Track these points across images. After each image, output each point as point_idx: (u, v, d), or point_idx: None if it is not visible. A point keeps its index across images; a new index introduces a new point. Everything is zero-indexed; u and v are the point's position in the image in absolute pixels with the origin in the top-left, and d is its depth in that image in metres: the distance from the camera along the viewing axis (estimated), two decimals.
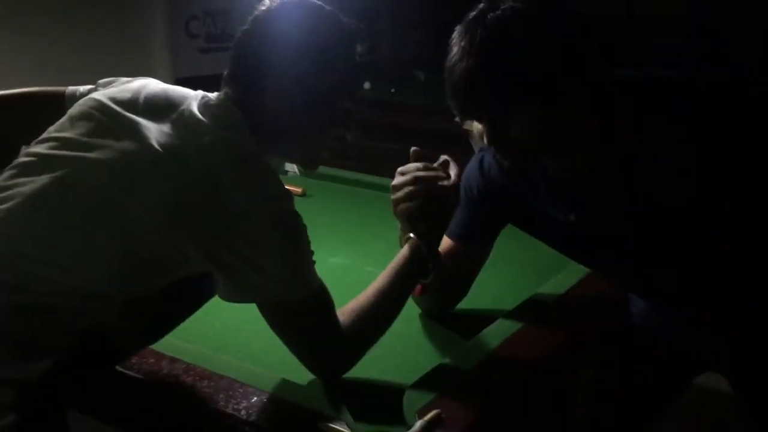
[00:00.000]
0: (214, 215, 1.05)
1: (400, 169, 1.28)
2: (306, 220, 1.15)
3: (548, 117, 1.13)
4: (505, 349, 1.26)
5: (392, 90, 4.27)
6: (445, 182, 1.25)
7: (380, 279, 1.25)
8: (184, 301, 1.23)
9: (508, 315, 1.39)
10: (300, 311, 1.12)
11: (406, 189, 1.25)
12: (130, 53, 4.27)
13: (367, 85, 4.59)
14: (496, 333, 1.31)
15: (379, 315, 1.22)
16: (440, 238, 1.33)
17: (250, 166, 1.09)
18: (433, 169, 1.27)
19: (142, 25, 4.31)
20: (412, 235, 1.27)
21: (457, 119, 1.18)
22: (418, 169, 1.26)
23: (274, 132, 1.19)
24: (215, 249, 1.07)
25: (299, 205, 1.15)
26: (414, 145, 1.32)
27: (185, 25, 4.43)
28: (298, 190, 2.22)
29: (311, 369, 1.19)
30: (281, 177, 1.14)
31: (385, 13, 5.23)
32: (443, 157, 1.31)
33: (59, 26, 3.95)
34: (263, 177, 1.10)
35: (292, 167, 2.42)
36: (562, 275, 1.55)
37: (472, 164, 1.43)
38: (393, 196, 1.27)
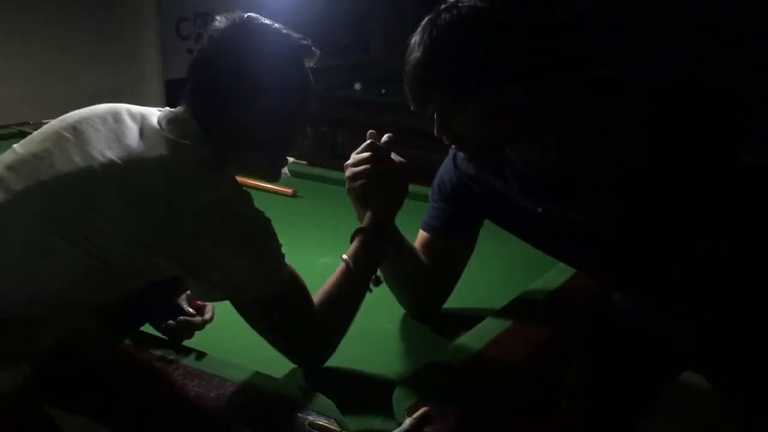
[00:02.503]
0: (174, 222, 1.09)
1: (355, 151, 1.33)
2: (296, 221, 1.18)
3: (492, 112, 1.19)
4: (494, 348, 1.27)
5: (382, 91, 4.29)
6: (395, 157, 1.32)
7: (342, 264, 1.28)
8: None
9: (497, 313, 1.40)
10: (273, 304, 1.17)
11: (359, 167, 1.30)
12: (121, 54, 4.27)
13: (357, 86, 4.61)
14: (484, 331, 1.32)
15: (348, 295, 1.26)
16: (394, 214, 1.35)
17: (203, 171, 1.12)
18: (382, 149, 1.32)
19: (132, 26, 4.31)
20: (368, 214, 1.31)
21: (411, 108, 1.25)
22: (371, 149, 1.31)
23: (235, 148, 1.21)
24: (179, 254, 1.11)
25: (289, 206, 1.16)
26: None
27: (175, 27, 4.43)
28: (289, 191, 2.22)
29: (293, 359, 1.23)
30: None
31: (375, 14, 5.25)
32: (388, 135, 1.35)
33: (50, 27, 3.95)
34: (217, 180, 1.13)
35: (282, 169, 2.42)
36: (551, 273, 1.56)
37: (447, 159, 1.46)
38: (346, 174, 1.33)
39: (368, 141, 1.33)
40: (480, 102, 1.18)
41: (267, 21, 1.24)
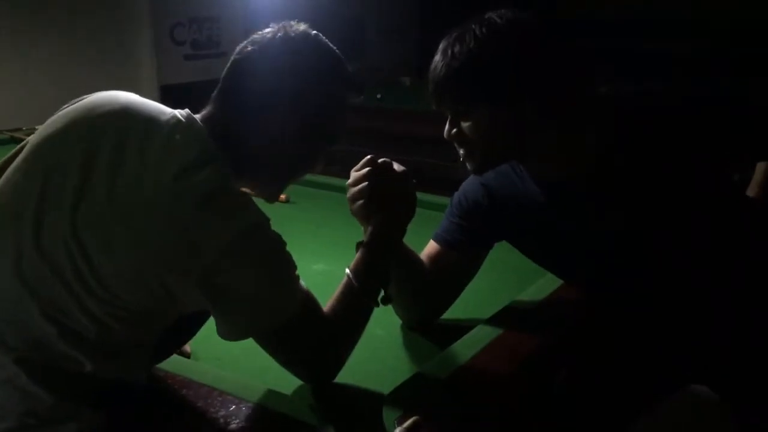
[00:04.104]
0: (190, 261, 1.02)
1: (354, 168, 1.32)
2: (289, 227, 1.17)
3: (499, 122, 1.25)
4: (484, 356, 1.26)
5: (378, 96, 4.29)
6: (396, 167, 1.31)
7: (345, 278, 1.25)
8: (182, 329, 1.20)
9: (488, 322, 1.39)
10: (292, 326, 1.11)
11: (360, 186, 1.29)
12: (115, 59, 4.26)
13: None
14: (475, 340, 1.31)
15: (354, 309, 1.23)
16: (403, 229, 1.32)
17: (216, 203, 1.04)
18: (383, 166, 1.31)
19: (127, 32, 4.31)
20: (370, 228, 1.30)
21: (434, 107, 1.32)
22: (370, 166, 1.30)
23: (246, 169, 1.14)
24: (202, 286, 1.04)
25: (282, 212, 1.15)
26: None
27: (170, 32, 4.42)
28: (282, 196, 2.22)
29: (307, 377, 1.20)
30: None
31: (371, 20, 5.25)
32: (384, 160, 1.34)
33: (44, 33, 3.95)
34: (231, 211, 1.06)
35: None
36: (543, 281, 1.56)
37: (472, 176, 1.46)
38: (348, 195, 1.31)
39: (367, 157, 1.31)
40: (483, 109, 1.24)
41: (323, 41, 1.17)
